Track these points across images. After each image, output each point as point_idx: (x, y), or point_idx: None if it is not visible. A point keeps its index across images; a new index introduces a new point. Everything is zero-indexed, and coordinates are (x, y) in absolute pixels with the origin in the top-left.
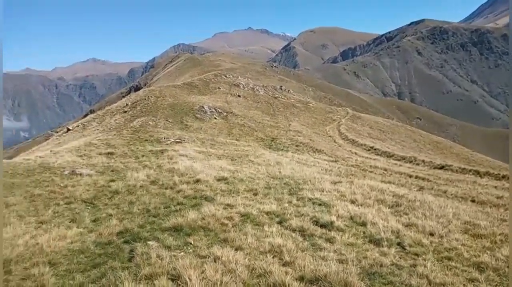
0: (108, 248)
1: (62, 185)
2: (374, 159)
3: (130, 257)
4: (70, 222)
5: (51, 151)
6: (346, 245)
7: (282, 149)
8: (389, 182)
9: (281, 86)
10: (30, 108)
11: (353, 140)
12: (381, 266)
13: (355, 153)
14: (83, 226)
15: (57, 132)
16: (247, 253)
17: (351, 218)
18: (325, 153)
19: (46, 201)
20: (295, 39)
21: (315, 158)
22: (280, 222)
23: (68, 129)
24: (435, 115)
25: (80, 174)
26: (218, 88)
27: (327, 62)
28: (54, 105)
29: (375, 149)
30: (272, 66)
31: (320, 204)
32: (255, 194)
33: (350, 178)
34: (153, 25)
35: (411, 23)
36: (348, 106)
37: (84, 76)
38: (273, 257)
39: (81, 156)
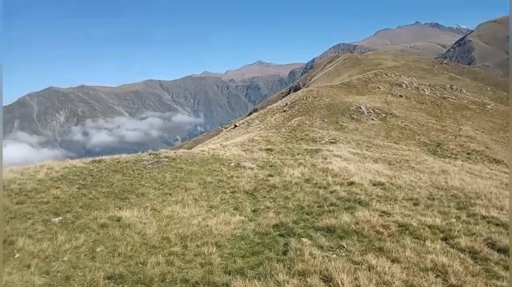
0: (265, 238)
1: (228, 175)
2: None
3: (284, 251)
4: (234, 209)
5: (220, 144)
6: None
7: (450, 157)
8: None
9: (451, 85)
10: (206, 106)
11: None
12: None
13: None
14: (244, 215)
15: (226, 128)
16: (404, 267)
17: None
18: (505, 164)
19: (216, 188)
20: (472, 31)
21: (491, 169)
22: (445, 239)
23: (235, 126)
24: None
25: (244, 167)
26: (378, 87)
27: None
28: (225, 104)
29: None
30: (441, 63)
31: (497, 224)
32: (416, 204)
33: None
34: (314, 26)
35: None
36: None
37: (251, 78)
38: (435, 277)
39: (245, 150)
